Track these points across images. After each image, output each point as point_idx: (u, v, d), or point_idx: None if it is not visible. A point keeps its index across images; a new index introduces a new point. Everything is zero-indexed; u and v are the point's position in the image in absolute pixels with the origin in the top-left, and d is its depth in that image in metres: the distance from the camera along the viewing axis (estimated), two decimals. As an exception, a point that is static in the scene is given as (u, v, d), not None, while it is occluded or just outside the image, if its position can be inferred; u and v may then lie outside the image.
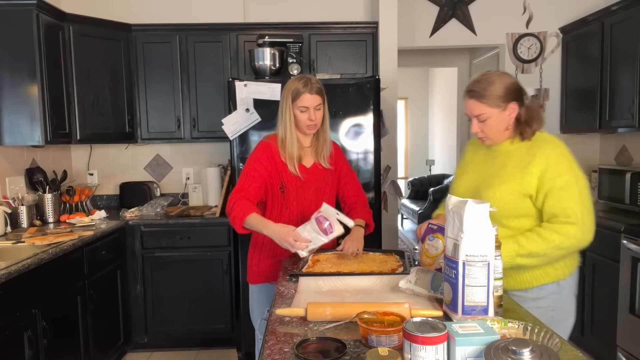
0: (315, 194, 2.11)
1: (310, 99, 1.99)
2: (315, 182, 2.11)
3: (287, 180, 2.07)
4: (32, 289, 2.25)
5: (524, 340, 0.97)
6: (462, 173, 1.91)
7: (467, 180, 1.86)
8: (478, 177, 1.81)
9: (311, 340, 1.20)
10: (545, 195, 1.62)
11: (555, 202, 1.61)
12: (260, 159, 2.05)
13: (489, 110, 1.67)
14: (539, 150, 1.66)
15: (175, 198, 3.96)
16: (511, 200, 1.66)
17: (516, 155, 1.71)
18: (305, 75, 2.07)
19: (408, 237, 7.25)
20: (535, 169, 1.63)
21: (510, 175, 1.68)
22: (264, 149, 2.08)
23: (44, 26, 2.93)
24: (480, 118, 1.68)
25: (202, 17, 3.75)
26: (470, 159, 1.92)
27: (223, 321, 3.39)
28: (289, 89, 2.02)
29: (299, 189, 2.08)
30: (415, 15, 4.09)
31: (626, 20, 3.22)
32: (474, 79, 1.71)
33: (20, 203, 3.04)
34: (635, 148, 3.68)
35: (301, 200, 2.10)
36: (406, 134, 9.36)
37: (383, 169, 3.42)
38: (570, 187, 1.61)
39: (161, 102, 3.61)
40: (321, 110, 2.05)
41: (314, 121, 2.02)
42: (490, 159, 1.79)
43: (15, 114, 2.89)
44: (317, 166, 2.12)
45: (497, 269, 1.36)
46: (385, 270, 1.79)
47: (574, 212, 1.59)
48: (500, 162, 1.74)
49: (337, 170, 2.20)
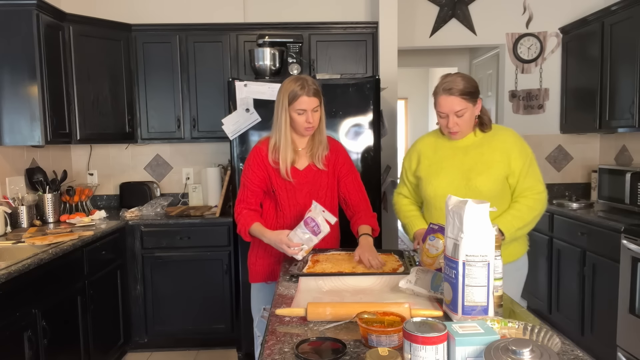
0: (309, 196, 2.07)
1: (308, 101, 1.96)
2: (307, 184, 2.08)
3: (276, 184, 2.07)
4: (32, 289, 2.25)
5: (524, 340, 0.97)
6: (436, 172, 1.99)
7: (447, 176, 1.96)
8: (458, 171, 1.94)
9: (311, 340, 1.20)
10: (519, 175, 1.91)
11: (526, 179, 1.92)
12: (252, 167, 2.07)
13: (467, 105, 1.87)
14: (504, 137, 1.94)
15: (175, 198, 3.96)
16: (499, 184, 1.91)
17: (486, 144, 1.94)
18: (302, 76, 2.02)
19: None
20: (512, 154, 1.90)
21: (493, 162, 1.91)
22: (255, 155, 2.09)
23: (44, 26, 2.93)
24: (459, 114, 1.87)
25: (202, 17, 3.75)
26: (436, 158, 2.02)
27: (223, 321, 3.39)
28: (286, 91, 1.98)
29: (289, 192, 2.07)
30: (415, 15, 4.09)
31: (626, 20, 3.22)
32: (448, 79, 1.88)
33: (20, 203, 3.04)
34: (635, 148, 3.68)
35: (293, 203, 2.08)
36: (406, 134, 9.35)
37: (383, 169, 3.42)
38: (533, 165, 1.94)
39: (161, 102, 3.61)
40: (318, 112, 2.02)
41: (312, 124, 1.99)
42: (461, 153, 1.97)
43: (15, 114, 2.89)
44: (310, 168, 2.10)
45: (497, 269, 1.36)
46: (386, 270, 1.79)
47: (540, 184, 1.94)
48: (476, 153, 1.94)
49: (336, 170, 2.15)
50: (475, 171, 1.91)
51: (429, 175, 2.02)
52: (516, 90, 4.13)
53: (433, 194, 1.98)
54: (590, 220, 3.17)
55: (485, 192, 1.87)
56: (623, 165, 3.52)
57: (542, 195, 1.93)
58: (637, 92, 3.10)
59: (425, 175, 2.03)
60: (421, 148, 2.09)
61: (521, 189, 1.92)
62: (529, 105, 4.15)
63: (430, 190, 1.99)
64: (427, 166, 2.04)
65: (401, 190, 2.20)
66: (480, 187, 1.89)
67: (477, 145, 1.96)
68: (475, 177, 1.90)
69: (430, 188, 1.99)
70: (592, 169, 3.99)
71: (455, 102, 1.85)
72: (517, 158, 1.91)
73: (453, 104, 1.85)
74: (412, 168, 2.11)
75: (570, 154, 4.17)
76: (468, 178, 1.91)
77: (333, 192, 2.16)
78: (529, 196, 1.91)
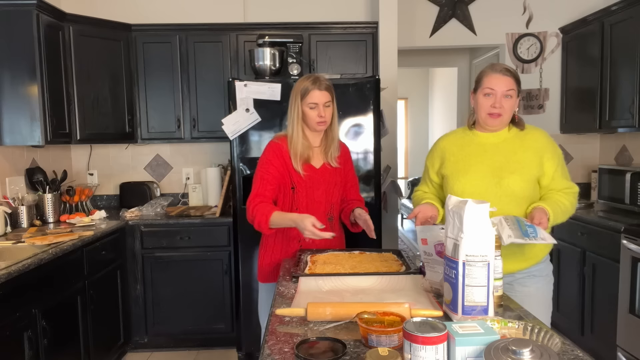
0: (325, 195, 2.12)
1: (320, 95, 2.01)
2: (324, 183, 2.12)
3: (297, 180, 2.08)
4: (32, 289, 2.25)
5: (524, 340, 0.97)
6: (464, 169, 1.91)
7: (476, 173, 1.88)
8: (488, 168, 1.87)
9: (311, 340, 1.20)
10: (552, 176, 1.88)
11: (562, 180, 1.90)
12: (272, 161, 2.07)
13: (516, 89, 1.85)
14: (536, 137, 1.90)
15: (175, 198, 3.96)
16: (531, 184, 1.86)
17: (518, 143, 1.89)
18: (314, 74, 2.09)
19: (408, 237, 7.25)
20: (545, 154, 1.87)
21: (525, 161, 1.86)
22: (275, 149, 2.08)
23: (44, 26, 2.93)
24: (508, 93, 1.84)
25: (202, 17, 3.75)
26: (463, 155, 1.94)
27: (223, 321, 3.39)
28: (298, 88, 2.04)
29: (308, 189, 2.09)
30: (415, 15, 4.09)
31: (626, 20, 3.22)
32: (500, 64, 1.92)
33: (20, 203, 3.04)
34: (635, 148, 3.68)
35: (311, 201, 2.10)
36: (406, 134, 9.35)
37: (383, 169, 3.42)
38: (564, 165, 1.93)
39: (161, 102, 3.61)
40: (330, 108, 2.06)
41: (324, 118, 2.03)
42: (491, 150, 1.90)
43: (15, 114, 2.89)
44: (326, 167, 2.13)
45: (497, 269, 1.36)
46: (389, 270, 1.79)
47: (574, 185, 1.93)
48: (508, 151, 1.88)
49: (345, 172, 2.21)
50: (507, 170, 1.85)
51: (456, 172, 1.93)
52: (516, 90, 4.13)
53: (461, 191, 1.87)
54: (590, 220, 3.17)
55: (518, 192, 1.83)
56: (623, 165, 3.52)
57: (577, 195, 1.93)
58: (637, 92, 3.10)
59: (451, 172, 1.94)
60: (445, 145, 2.02)
61: (558, 189, 1.89)
62: (529, 105, 4.15)
63: (458, 188, 1.89)
64: (453, 163, 1.96)
65: (420, 188, 2.13)
66: (513, 187, 1.83)
67: (509, 143, 1.90)
68: (507, 176, 1.83)
69: (458, 185, 1.90)
70: (592, 169, 3.99)
71: (509, 82, 1.83)
72: (550, 159, 1.87)
73: (507, 82, 1.83)
74: (435, 166, 2.04)
75: (570, 154, 4.17)
76: (499, 177, 1.84)
77: (342, 191, 2.22)
78: (570, 193, 1.89)
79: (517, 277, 1.87)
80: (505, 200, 1.80)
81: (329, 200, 2.12)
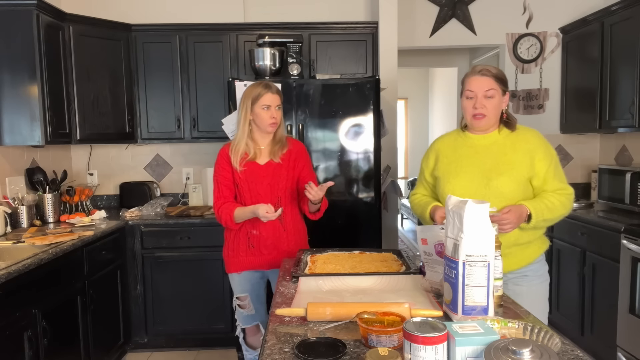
0: (269, 188, 2.26)
1: (272, 97, 2.20)
2: (268, 177, 2.26)
3: (238, 177, 2.26)
4: (32, 289, 2.25)
5: (524, 340, 0.97)
6: (455, 171, 1.92)
7: (466, 175, 1.89)
8: (478, 170, 1.87)
9: (311, 340, 1.20)
10: (544, 177, 1.86)
11: (554, 181, 1.87)
12: (221, 164, 2.29)
13: (497, 88, 1.85)
14: (527, 138, 1.89)
15: (175, 198, 3.96)
16: (521, 185, 1.85)
17: (509, 144, 1.89)
18: (264, 80, 2.26)
19: (408, 237, 7.25)
20: (536, 155, 1.85)
21: (515, 162, 1.85)
22: (221, 155, 2.31)
23: (44, 26, 2.93)
24: (488, 94, 1.84)
25: (202, 17, 3.76)
26: (455, 157, 1.95)
27: (223, 321, 3.39)
28: (250, 93, 2.21)
29: (250, 184, 2.25)
30: (415, 15, 4.09)
31: (626, 20, 3.22)
32: (481, 64, 1.91)
33: (20, 203, 3.04)
34: (635, 148, 3.68)
35: (255, 194, 2.25)
36: (406, 134, 9.35)
37: (383, 169, 3.42)
38: (558, 166, 1.91)
39: (161, 102, 3.61)
40: (280, 111, 2.24)
41: (276, 119, 2.21)
42: (482, 152, 1.90)
43: (15, 114, 2.89)
44: (270, 163, 2.28)
45: (497, 269, 1.36)
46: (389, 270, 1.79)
47: (568, 186, 1.90)
48: (498, 152, 1.88)
49: (297, 169, 2.32)
50: (496, 171, 1.85)
51: (447, 174, 1.95)
52: (516, 90, 4.14)
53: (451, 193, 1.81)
54: (590, 220, 3.17)
55: (506, 194, 1.82)
56: (623, 165, 3.52)
57: (572, 197, 1.89)
58: (637, 92, 3.10)
59: (443, 174, 1.96)
60: (440, 147, 2.04)
61: (551, 190, 1.86)
62: (529, 105, 4.15)
63: (449, 189, 1.88)
64: (445, 165, 1.97)
65: (417, 191, 2.13)
66: (502, 188, 1.82)
67: (500, 144, 1.90)
68: (496, 178, 1.83)
69: (448, 187, 1.90)
70: (592, 169, 3.99)
71: (487, 82, 1.84)
72: (541, 160, 1.85)
73: (484, 83, 1.84)
74: (429, 167, 2.05)
75: (570, 154, 4.17)
76: (488, 178, 1.84)
77: (292, 184, 2.33)
78: (562, 194, 1.86)
79: (509, 277, 1.86)
80: (494, 201, 1.76)
81: (275, 193, 2.26)
